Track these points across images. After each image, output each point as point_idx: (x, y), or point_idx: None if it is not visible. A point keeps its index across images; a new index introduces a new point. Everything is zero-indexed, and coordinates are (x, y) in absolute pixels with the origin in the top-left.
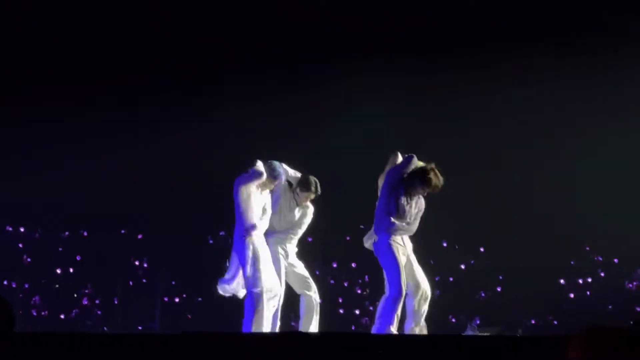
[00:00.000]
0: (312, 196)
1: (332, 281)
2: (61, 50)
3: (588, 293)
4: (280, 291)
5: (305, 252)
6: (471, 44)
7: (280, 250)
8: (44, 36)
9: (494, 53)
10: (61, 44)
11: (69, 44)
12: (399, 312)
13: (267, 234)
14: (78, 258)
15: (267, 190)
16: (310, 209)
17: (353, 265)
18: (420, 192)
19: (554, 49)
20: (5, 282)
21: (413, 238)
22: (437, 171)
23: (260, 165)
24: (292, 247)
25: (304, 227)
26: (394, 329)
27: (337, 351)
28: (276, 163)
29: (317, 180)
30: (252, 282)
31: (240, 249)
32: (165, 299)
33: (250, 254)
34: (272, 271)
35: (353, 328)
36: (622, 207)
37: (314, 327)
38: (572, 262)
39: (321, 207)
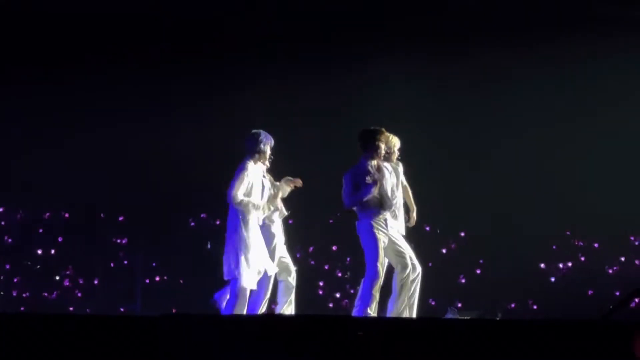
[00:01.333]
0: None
1: (312, 262)
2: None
3: (569, 278)
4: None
5: (286, 234)
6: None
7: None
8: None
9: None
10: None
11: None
12: (376, 295)
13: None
14: (59, 239)
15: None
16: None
17: (334, 248)
18: (380, 151)
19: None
20: None
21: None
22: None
23: None
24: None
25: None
26: (371, 311)
27: (315, 334)
28: None
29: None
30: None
31: None
32: (147, 281)
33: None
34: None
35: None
36: (602, 192)
37: (290, 310)
38: (553, 247)
39: (304, 190)
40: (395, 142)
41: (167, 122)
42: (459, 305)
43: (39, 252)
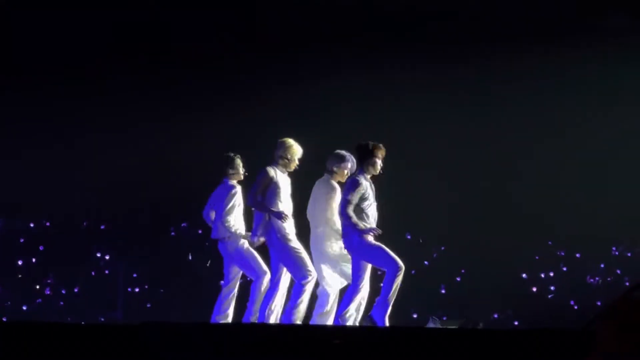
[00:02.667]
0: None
1: None
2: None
3: (550, 287)
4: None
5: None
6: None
7: None
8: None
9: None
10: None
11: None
12: (355, 305)
13: None
14: (41, 248)
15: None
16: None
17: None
18: (375, 165)
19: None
20: None
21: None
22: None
23: None
24: None
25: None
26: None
27: (295, 343)
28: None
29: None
30: None
31: None
32: (129, 289)
33: None
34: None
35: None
36: (584, 202)
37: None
38: (535, 257)
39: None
40: (297, 150)
41: (148, 132)
42: (445, 317)
43: (20, 262)
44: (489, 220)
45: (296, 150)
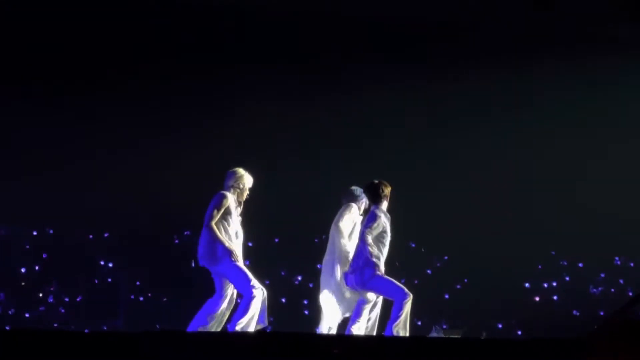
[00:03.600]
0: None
1: (298, 278)
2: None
3: (553, 297)
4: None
5: (272, 252)
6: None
7: None
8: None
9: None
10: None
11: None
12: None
13: None
14: (44, 256)
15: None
16: None
17: (319, 266)
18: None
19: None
20: None
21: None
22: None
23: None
24: None
25: None
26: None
27: (296, 351)
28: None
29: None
30: None
31: None
32: (131, 297)
33: None
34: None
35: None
36: (588, 212)
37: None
38: (539, 267)
39: (289, 209)
40: (248, 180)
41: (152, 141)
42: (445, 326)
43: (23, 270)
44: (492, 230)
45: (247, 180)
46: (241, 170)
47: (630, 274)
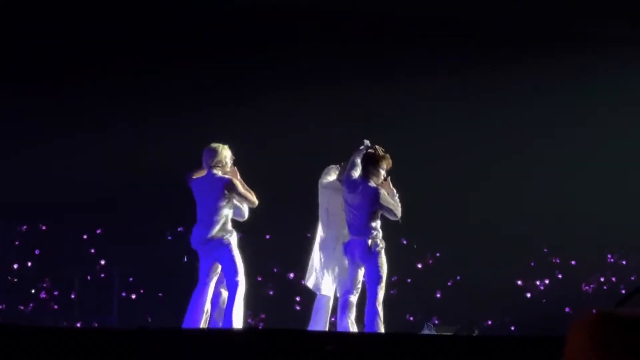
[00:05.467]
0: None
1: (291, 275)
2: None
3: (545, 294)
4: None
5: (263, 249)
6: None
7: None
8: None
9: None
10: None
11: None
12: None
13: None
14: (36, 252)
15: None
16: None
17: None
18: (379, 176)
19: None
20: None
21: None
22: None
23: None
24: None
25: None
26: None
27: (289, 348)
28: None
29: None
30: None
31: None
32: (124, 294)
33: None
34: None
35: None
36: (580, 209)
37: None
38: (531, 264)
39: (281, 204)
40: (228, 153)
41: (144, 134)
42: (436, 321)
43: (15, 266)
44: (485, 226)
45: (228, 152)
46: (220, 145)
47: (622, 271)
